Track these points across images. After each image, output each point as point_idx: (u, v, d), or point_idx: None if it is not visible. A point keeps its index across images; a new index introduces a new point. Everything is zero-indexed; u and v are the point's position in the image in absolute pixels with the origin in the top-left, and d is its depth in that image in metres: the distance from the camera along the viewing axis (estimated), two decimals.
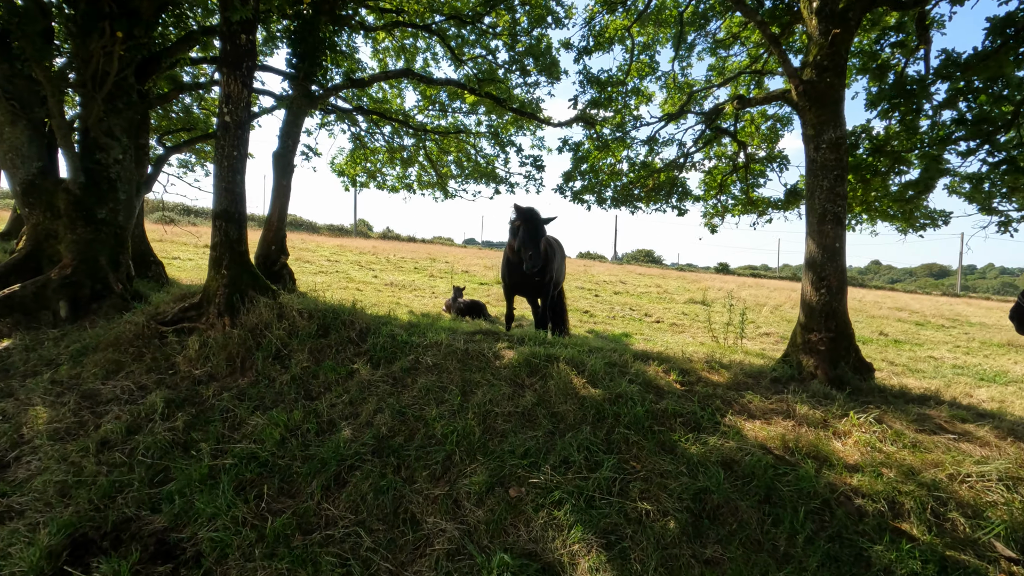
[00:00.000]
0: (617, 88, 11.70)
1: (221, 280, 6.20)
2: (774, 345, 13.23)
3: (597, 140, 11.30)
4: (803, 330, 6.40)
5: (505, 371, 5.21)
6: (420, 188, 14.46)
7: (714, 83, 11.16)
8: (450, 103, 13.19)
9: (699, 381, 5.60)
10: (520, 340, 6.10)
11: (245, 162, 6.48)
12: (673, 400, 4.87)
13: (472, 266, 25.45)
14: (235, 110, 6.23)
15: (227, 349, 5.60)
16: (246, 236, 6.57)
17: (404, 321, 6.79)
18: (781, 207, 11.17)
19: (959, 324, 20.80)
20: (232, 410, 4.83)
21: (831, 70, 6.32)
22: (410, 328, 6.41)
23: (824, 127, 6.30)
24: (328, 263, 21.71)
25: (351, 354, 5.66)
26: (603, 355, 5.73)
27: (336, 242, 30.54)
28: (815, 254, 6.31)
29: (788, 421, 4.74)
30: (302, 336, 5.79)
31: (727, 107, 8.15)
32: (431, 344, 5.77)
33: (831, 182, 6.24)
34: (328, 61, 8.25)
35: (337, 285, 16.18)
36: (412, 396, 4.94)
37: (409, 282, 18.82)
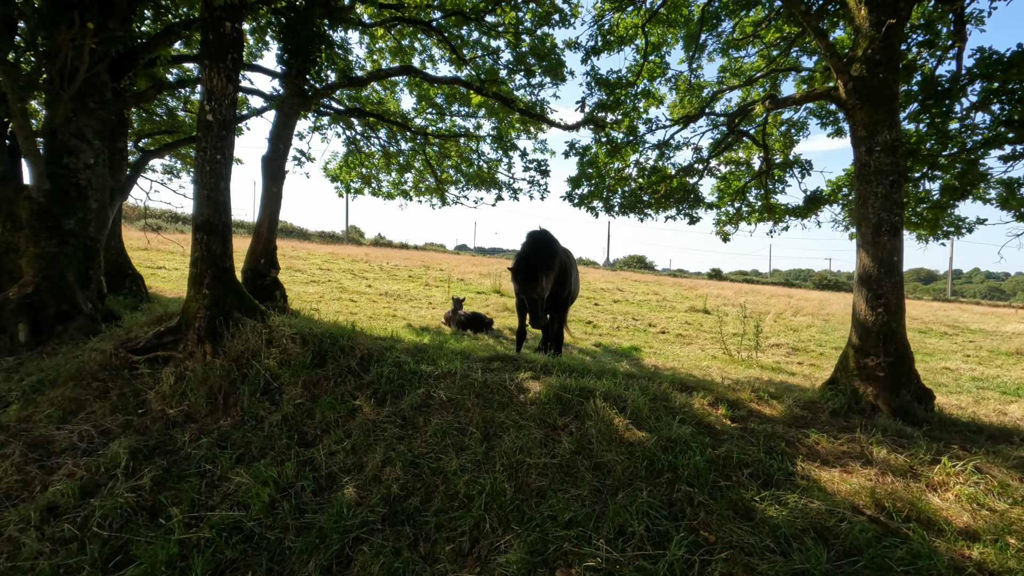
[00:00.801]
0: (626, 90, 10.98)
1: (202, 301, 5.35)
2: (787, 358, 12.57)
3: (607, 144, 10.57)
4: (857, 353, 5.66)
5: (533, 408, 4.41)
6: (417, 195, 13.65)
7: (732, 84, 10.47)
8: (448, 106, 12.41)
9: (751, 415, 4.84)
10: (545, 368, 5.30)
11: (230, 167, 5.65)
12: (732, 444, 4.10)
13: (467, 274, 24.64)
14: (218, 108, 5.40)
15: (208, 383, 4.75)
16: (231, 250, 5.73)
17: (409, 343, 5.98)
18: (799, 214, 10.49)
19: (961, 331, 20.32)
20: (212, 460, 3.98)
21: (884, 65, 5.62)
22: (417, 353, 5.60)
23: (878, 128, 5.59)
24: (320, 272, 20.80)
25: (352, 387, 4.83)
26: (641, 385, 4.96)
27: (328, 249, 29.60)
28: (870, 269, 5.59)
29: (869, 469, 3.99)
30: (295, 366, 4.96)
31: (757, 108, 7.45)
32: (444, 374, 4.96)
33: (887, 188, 5.53)
34: (322, 58, 7.45)
35: (330, 296, 15.30)
36: (426, 441, 4.13)
37: (404, 291, 17.97)
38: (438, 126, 12.92)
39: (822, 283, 44.24)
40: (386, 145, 12.63)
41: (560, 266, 7.39)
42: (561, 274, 7.55)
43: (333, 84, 7.64)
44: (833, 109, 10.77)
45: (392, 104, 12.06)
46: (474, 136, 12.26)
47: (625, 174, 11.69)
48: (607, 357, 11.02)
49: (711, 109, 9.74)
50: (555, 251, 7.03)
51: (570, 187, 11.72)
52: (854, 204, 5.86)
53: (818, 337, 16.01)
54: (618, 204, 11.64)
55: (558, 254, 7.14)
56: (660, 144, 10.98)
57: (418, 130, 11.50)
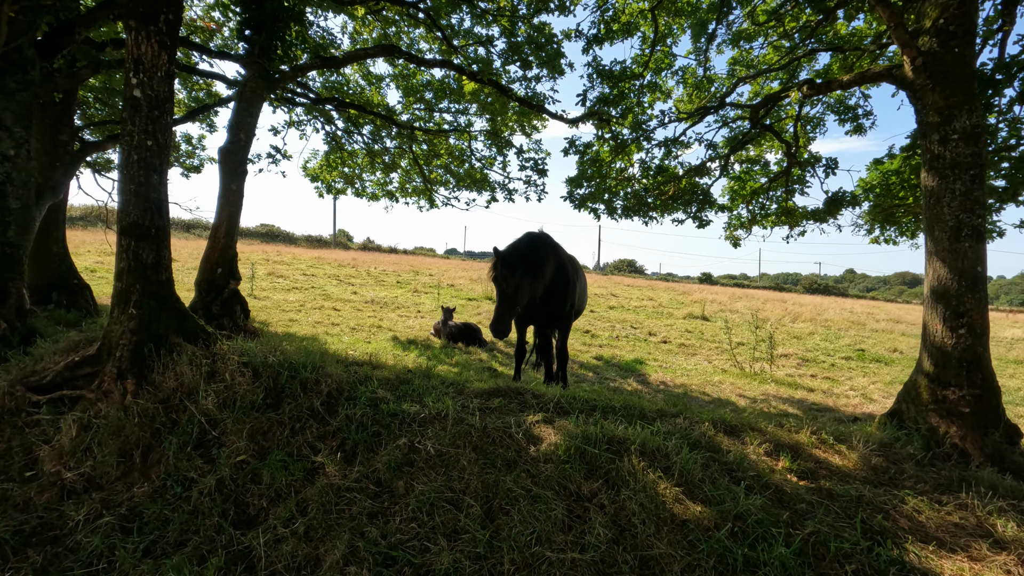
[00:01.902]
0: (630, 83, 9.93)
1: (126, 324, 4.17)
2: (798, 370, 11.58)
3: (612, 140, 9.50)
4: (932, 383, 4.61)
5: (549, 469, 3.29)
6: (404, 196, 12.48)
7: (744, 76, 9.44)
8: (436, 102, 11.28)
9: (820, 468, 3.76)
10: (558, 407, 4.17)
11: (166, 157, 4.48)
12: (818, 520, 3.01)
13: (457, 279, 23.47)
14: (148, 82, 4.23)
15: (122, 434, 3.57)
16: (168, 259, 4.55)
17: (390, 372, 4.84)
18: (819, 218, 9.49)
19: None
20: (109, 553, 2.82)
21: (960, 37, 4.59)
22: (399, 386, 4.45)
23: (954, 112, 4.55)
24: (304, 278, 19.53)
25: (313, 436, 3.68)
26: (679, 428, 3.86)
27: (314, 254, 28.29)
28: (947, 281, 4.54)
29: (1001, 554, 2.91)
30: (241, 408, 3.80)
31: (792, 94, 6.40)
32: (432, 417, 3.82)
33: (967, 184, 4.49)
34: (292, 35, 6.32)
35: (312, 304, 14.08)
36: (407, 518, 2.99)
37: (392, 299, 16.77)
38: (427, 124, 11.80)
39: (812, 287, 43.60)
40: (370, 143, 11.46)
41: (560, 274, 6.30)
42: (563, 284, 6.46)
43: (304, 65, 6.50)
44: (853, 104, 9.81)
45: (376, 98, 10.90)
46: (466, 133, 11.12)
47: (628, 174, 10.63)
48: (611, 372, 9.95)
49: (730, 101, 8.69)
50: (545, 256, 5.96)
51: (569, 188, 10.66)
52: (923, 205, 4.81)
53: (824, 346, 15.07)
54: (621, 206, 10.59)
55: (549, 260, 6.07)
56: (667, 141, 9.94)
57: (405, 124, 10.33)
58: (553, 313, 6.50)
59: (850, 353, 14.17)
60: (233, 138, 5.92)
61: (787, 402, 8.83)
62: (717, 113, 8.69)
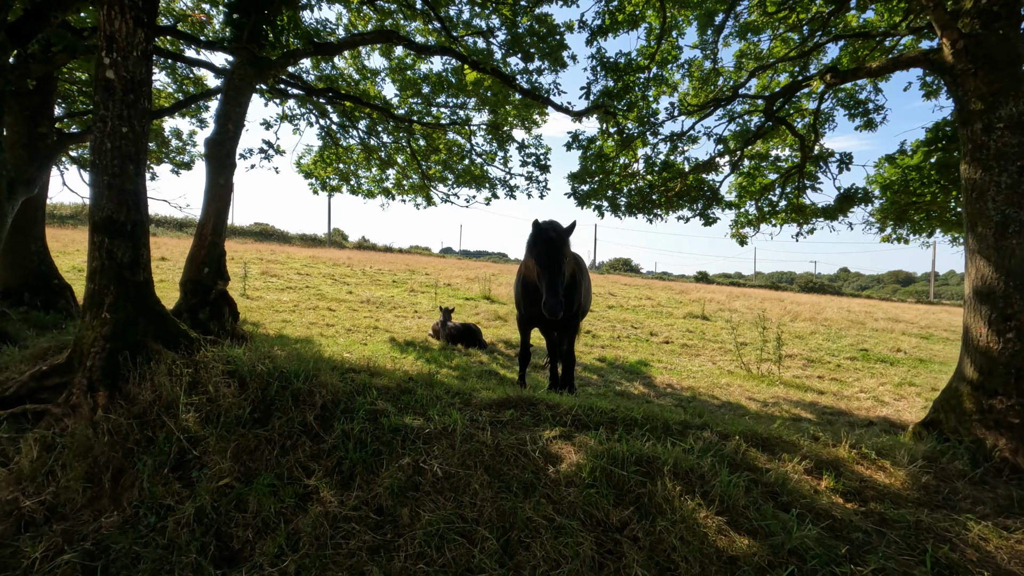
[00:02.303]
0: (634, 76, 9.54)
1: (99, 329, 3.74)
2: (804, 371, 11.25)
3: (617, 135, 9.10)
4: (976, 391, 4.25)
5: (572, 494, 2.90)
6: (401, 193, 12.05)
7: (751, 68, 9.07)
8: (434, 96, 10.85)
9: (866, 487, 3.39)
10: (576, 419, 3.78)
11: (144, 146, 4.05)
12: (880, 553, 2.63)
13: (454, 278, 23.06)
14: (123, 62, 3.80)
15: (90, 455, 3.16)
16: (147, 258, 4.12)
17: (390, 380, 4.44)
18: (829, 215, 9.14)
19: None
20: None
21: (1004, 19, 4.24)
22: (400, 396, 4.05)
23: (1000, 99, 4.19)
24: (298, 277, 19.07)
25: (306, 455, 3.27)
26: (712, 448, 3.48)
27: (309, 253, 27.78)
28: (992, 281, 4.18)
29: None
30: (226, 423, 3.39)
31: (813, 83, 6.01)
32: (438, 433, 3.43)
33: (1013, 177, 4.13)
34: (284, 20, 5.89)
35: (306, 304, 13.63)
36: (412, 555, 2.59)
37: (388, 298, 16.35)
38: (425, 119, 11.37)
39: (807, 286, 43.44)
40: (365, 138, 11.02)
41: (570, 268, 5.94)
42: (572, 282, 6.09)
43: (296, 51, 6.07)
44: (863, 98, 9.47)
45: (373, 90, 10.46)
46: (466, 129, 10.70)
47: (632, 170, 10.26)
48: (616, 375, 9.58)
49: (742, 93, 8.30)
50: (569, 244, 5.61)
51: (572, 183, 10.27)
52: (964, 199, 4.46)
53: (826, 346, 14.77)
54: (624, 203, 10.21)
55: (570, 250, 5.71)
56: (673, 136, 9.56)
57: (402, 117, 9.89)
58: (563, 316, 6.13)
59: (854, 353, 13.87)
60: (220, 128, 5.47)
61: (798, 405, 8.48)
62: (728, 106, 8.31)
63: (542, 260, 5.06)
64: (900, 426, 7.81)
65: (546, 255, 5.07)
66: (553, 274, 4.99)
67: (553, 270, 5.01)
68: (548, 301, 4.82)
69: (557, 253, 5.10)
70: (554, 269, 5.02)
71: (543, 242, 5.13)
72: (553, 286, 4.92)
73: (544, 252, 5.09)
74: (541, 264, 5.05)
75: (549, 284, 4.93)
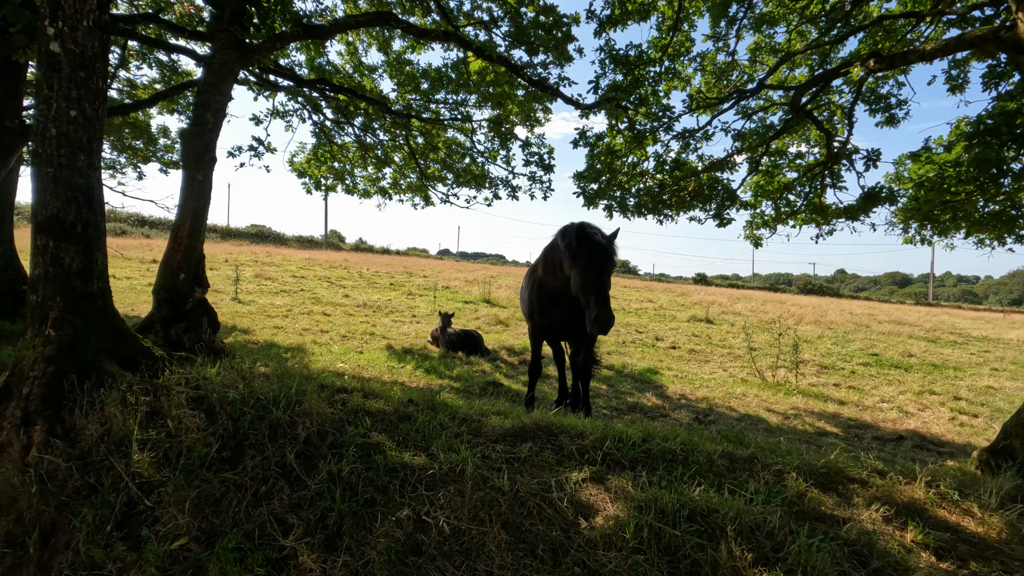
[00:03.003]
0: (645, 70, 8.96)
1: (40, 349, 3.12)
2: (819, 378, 10.68)
3: (629, 131, 8.51)
4: None
5: (613, 562, 2.28)
6: (398, 193, 11.42)
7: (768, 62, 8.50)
8: (434, 92, 10.23)
9: (957, 540, 2.79)
10: (607, 455, 3.17)
11: (99, 132, 3.42)
12: None
13: (452, 281, 22.44)
14: (71, 33, 3.18)
15: (15, 509, 2.53)
16: (102, 264, 3.49)
17: (386, 404, 3.83)
18: (851, 215, 8.57)
19: (969, 340, 18.77)
20: None
21: None
22: (398, 424, 3.44)
23: None
24: (293, 280, 18.42)
25: (283, 506, 2.65)
26: (772, 491, 2.88)
27: (304, 255, 27.11)
28: None
29: None
30: (187, 465, 2.77)
31: (854, 70, 5.39)
32: (444, 475, 2.82)
33: None
34: (270, 2, 5.27)
35: (300, 309, 12.98)
36: None
37: (385, 302, 15.71)
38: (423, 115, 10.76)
39: (806, 287, 42.93)
40: (361, 135, 10.40)
41: None
42: None
43: (283, 35, 5.43)
44: (885, 92, 8.91)
45: (368, 83, 9.84)
46: (467, 126, 10.08)
47: (642, 169, 9.66)
48: (626, 384, 8.98)
49: (755, 86, 7.71)
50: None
51: (577, 182, 9.68)
52: None
53: (836, 351, 14.21)
54: (633, 204, 9.62)
55: None
56: (685, 133, 8.97)
57: (400, 112, 9.25)
58: (578, 327, 5.54)
59: (866, 358, 13.33)
60: (198, 119, 4.83)
61: (820, 417, 7.91)
62: (751, 98, 7.72)
63: (590, 267, 4.41)
64: (932, 440, 7.25)
65: (596, 262, 4.42)
66: (604, 283, 4.39)
67: (604, 279, 4.40)
68: (600, 315, 4.16)
69: (607, 260, 4.50)
70: (605, 278, 4.42)
71: (593, 247, 4.47)
72: (604, 297, 4.30)
73: (592, 258, 4.43)
74: (588, 272, 4.40)
75: (600, 295, 4.28)
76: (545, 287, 5.39)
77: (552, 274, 5.05)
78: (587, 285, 4.33)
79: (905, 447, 6.92)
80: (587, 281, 4.34)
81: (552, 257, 5.07)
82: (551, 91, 7.70)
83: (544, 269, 5.32)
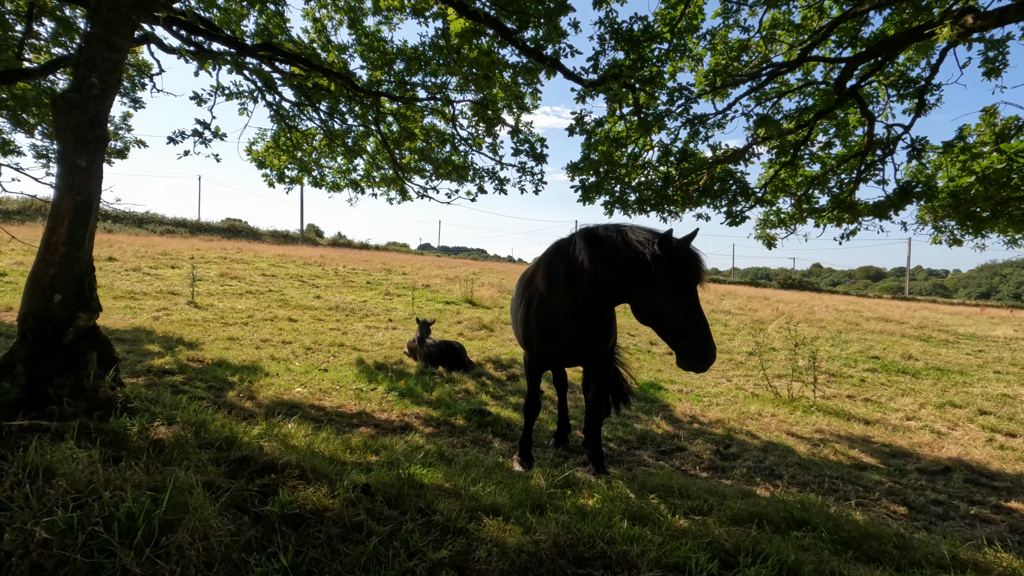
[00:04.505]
0: (650, 47, 7.70)
1: None
2: (830, 387, 9.61)
3: (636, 115, 7.22)
4: None
5: None
6: (371, 186, 9.99)
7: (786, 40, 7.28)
8: (410, 74, 8.81)
9: None
10: None
11: None
12: None
13: (432, 279, 21.04)
14: None
15: None
16: None
17: (331, 492, 2.52)
18: (880, 212, 7.44)
19: (959, 338, 18.08)
20: None
21: None
22: (341, 541, 2.13)
23: None
24: (262, 279, 16.84)
25: None
26: None
27: (278, 251, 25.38)
28: None
29: None
30: None
31: (939, 31, 4.11)
32: None
33: None
34: None
35: (263, 314, 11.48)
36: None
37: (360, 304, 14.27)
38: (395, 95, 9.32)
39: (786, 282, 42.35)
40: (328, 121, 8.94)
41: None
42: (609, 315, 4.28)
43: None
44: (915, 76, 7.79)
45: (332, 56, 8.37)
46: (447, 110, 8.68)
47: (644, 160, 8.42)
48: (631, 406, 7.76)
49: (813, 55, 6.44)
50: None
51: (571, 175, 8.40)
52: None
53: (836, 354, 13.24)
54: (634, 199, 8.38)
55: None
56: (695, 119, 7.74)
57: (367, 90, 7.80)
58: (592, 353, 4.29)
59: (870, 363, 12.38)
60: (79, 83, 3.38)
61: (851, 443, 6.80)
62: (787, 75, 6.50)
63: (689, 291, 3.27)
64: (980, 472, 6.17)
65: (694, 283, 3.32)
66: (699, 310, 3.27)
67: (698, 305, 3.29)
68: (709, 352, 3.15)
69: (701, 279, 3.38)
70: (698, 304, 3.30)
71: (691, 260, 3.31)
72: (704, 328, 3.19)
73: (691, 279, 3.29)
74: (688, 298, 3.24)
75: (705, 328, 3.18)
76: (549, 306, 4.11)
77: (563, 289, 3.76)
78: (688, 316, 3.18)
79: (956, 482, 5.83)
80: (688, 311, 3.19)
81: (565, 266, 3.78)
82: (549, 62, 6.36)
83: (548, 281, 4.03)
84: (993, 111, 7.05)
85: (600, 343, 4.22)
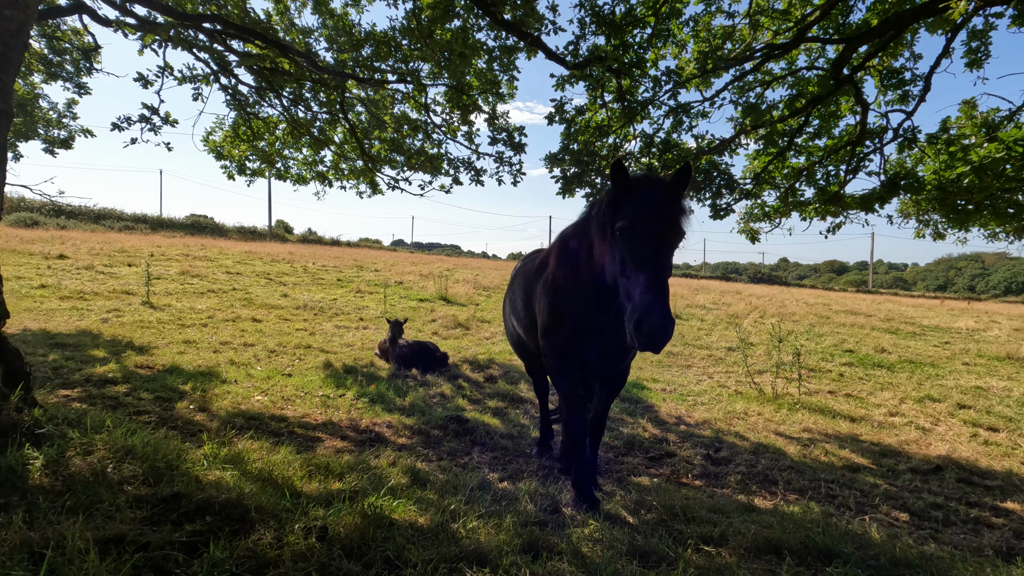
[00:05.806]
0: (631, 33, 7.30)
1: None
2: (809, 383, 9.43)
3: (620, 102, 6.82)
4: None
5: None
6: (339, 178, 9.36)
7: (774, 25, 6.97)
8: (380, 60, 8.23)
9: None
10: None
11: None
12: None
13: (406, 275, 20.39)
14: None
15: None
16: None
17: (277, 542, 2.05)
18: (866, 205, 7.22)
19: (925, 330, 18.33)
20: None
21: None
22: None
23: None
24: (227, 277, 15.97)
25: None
26: None
27: (245, 248, 24.31)
28: None
29: None
30: None
31: (954, 4, 3.76)
32: None
33: None
34: None
35: (224, 315, 10.74)
36: None
37: (329, 302, 13.59)
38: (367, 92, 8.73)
39: (756, 276, 42.89)
40: (291, 108, 8.29)
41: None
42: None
43: None
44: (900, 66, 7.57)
45: (295, 36, 7.74)
46: (418, 95, 8.12)
47: (626, 151, 8.03)
48: (613, 404, 7.40)
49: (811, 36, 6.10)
50: None
51: (550, 166, 7.95)
52: None
53: (812, 347, 13.17)
54: None
55: None
56: (679, 108, 7.37)
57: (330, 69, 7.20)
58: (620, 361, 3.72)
59: (845, 357, 12.31)
60: None
61: (840, 443, 6.55)
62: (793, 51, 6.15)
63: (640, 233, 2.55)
64: (970, 469, 5.98)
65: (651, 226, 2.56)
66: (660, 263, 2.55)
67: (660, 255, 2.57)
68: (652, 318, 2.35)
69: (670, 226, 2.62)
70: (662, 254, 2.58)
71: (647, 199, 2.60)
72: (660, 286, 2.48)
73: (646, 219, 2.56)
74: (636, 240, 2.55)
75: (655, 279, 2.44)
76: (571, 291, 3.50)
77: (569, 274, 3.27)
78: (635, 261, 2.49)
79: (949, 482, 5.61)
80: (634, 259, 2.50)
81: (578, 242, 3.26)
82: (530, 39, 5.88)
83: (554, 263, 3.52)
84: (973, 103, 6.87)
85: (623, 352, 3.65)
